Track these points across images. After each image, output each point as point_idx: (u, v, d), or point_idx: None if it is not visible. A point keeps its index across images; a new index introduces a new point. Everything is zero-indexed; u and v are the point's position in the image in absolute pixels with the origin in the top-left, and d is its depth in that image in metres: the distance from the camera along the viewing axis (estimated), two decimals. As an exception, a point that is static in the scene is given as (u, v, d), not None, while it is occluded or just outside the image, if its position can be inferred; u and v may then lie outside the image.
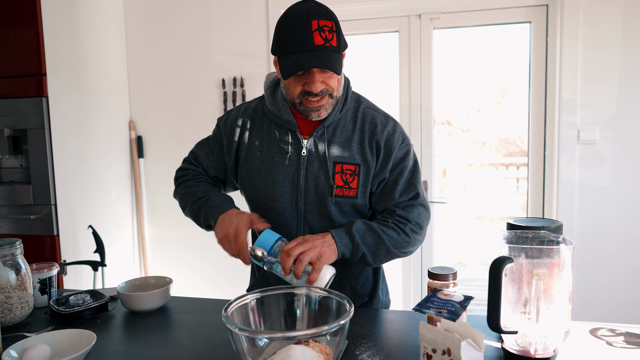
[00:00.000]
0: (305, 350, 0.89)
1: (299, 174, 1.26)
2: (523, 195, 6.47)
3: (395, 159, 1.26)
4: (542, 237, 1.03)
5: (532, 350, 0.95)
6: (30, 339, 1.03)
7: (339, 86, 1.21)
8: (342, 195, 1.24)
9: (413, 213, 1.26)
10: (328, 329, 0.86)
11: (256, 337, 0.91)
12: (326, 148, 1.25)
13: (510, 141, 3.68)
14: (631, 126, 2.29)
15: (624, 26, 2.25)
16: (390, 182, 1.27)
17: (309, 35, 1.11)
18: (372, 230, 1.20)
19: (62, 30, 2.29)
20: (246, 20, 2.63)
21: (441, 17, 2.50)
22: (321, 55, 1.11)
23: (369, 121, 1.27)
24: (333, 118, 1.26)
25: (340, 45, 1.15)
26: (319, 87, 1.16)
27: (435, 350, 0.85)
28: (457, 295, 1.05)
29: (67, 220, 2.28)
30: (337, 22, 1.16)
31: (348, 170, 1.24)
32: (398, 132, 1.28)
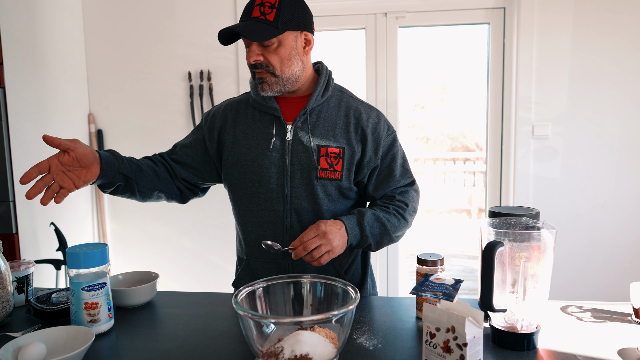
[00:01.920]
0: (313, 334, 0.92)
1: (284, 159, 1.28)
2: (470, 188, 6.79)
3: (384, 147, 1.32)
4: (524, 223, 1.12)
5: (518, 326, 1.03)
6: (24, 337, 0.99)
7: (283, 66, 1.22)
8: (327, 178, 1.28)
9: (409, 197, 1.34)
10: (338, 314, 0.90)
11: (267, 322, 0.93)
12: (309, 133, 1.28)
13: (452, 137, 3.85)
14: (580, 123, 2.48)
15: (574, 31, 2.44)
16: (385, 169, 1.34)
17: (250, 8, 1.19)
18: (379, 221, 1.27)
19: (19, 17, 2.17)
20: (214, 12, 2.60)
21: (406, 16, 2.59)
22: (251, 24, 1.18)
23: (354, 109, 1.32)
24: (315, 103, 1.29)
25: (279, 21, 1.18)
26: (252, 57, 1.21)
27: (439, 329, 0.91)
28: (448, 279, 1.12)
29: (27, 217, 2.17)
30: (287, 2, 1.20)
31: (332, 154, 1.28)
32: (383, 121, 1.34)
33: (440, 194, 5.86)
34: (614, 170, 2.49)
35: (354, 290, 0.98)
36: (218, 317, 1.22)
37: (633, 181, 2.49)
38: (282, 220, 1.30)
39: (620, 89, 2.45)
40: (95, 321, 1.10)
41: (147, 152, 2.73)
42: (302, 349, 0.89)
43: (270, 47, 1.20)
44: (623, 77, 2.44)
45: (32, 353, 0.95)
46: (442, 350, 0.90)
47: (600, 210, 2.52)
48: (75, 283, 1.10)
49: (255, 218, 1.33)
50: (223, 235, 2.70)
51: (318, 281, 1.05)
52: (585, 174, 2.51)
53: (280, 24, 1.18)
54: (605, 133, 2.48)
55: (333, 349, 0.92)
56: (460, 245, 5.37)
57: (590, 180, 2.51)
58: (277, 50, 1.21)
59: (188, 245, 2.75)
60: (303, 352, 0.88)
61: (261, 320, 0.92)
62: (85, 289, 1.09)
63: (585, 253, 2.54)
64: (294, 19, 1.21)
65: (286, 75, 1.24)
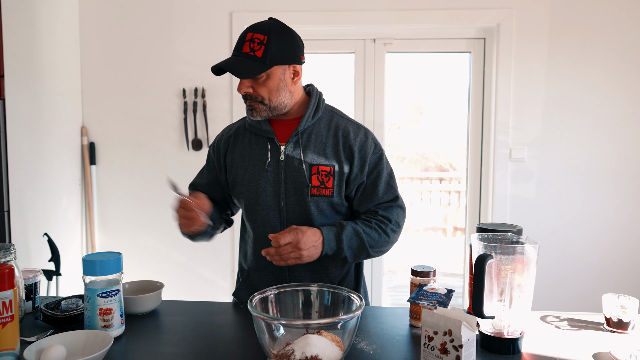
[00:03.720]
0: (321, 338, 1.01)
1: (279, 178, 1.37)
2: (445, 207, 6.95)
3: (370, 164, 1.41)
4: (509, 238, 1.24)
5: (505, 332, 1.14)
6: (45, 340, 1.04)
7: (272, 96, 1.32)
8: (319, 195, 1.37)
9: (393, 213, 1.42)
10: (346, 318, 0.99)
11: (278, 324, 1.01)
12: (302, 152, 1.37)
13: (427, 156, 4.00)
14: (553, 147, 2.66)
15: (548, 62, 2.63)
16: (369, 185, 1.41)
17: (241, 44, 1.29)
18: (358, 236, 1.34)
19: (20, 30, 2.22)
20: (210, 32, 2.70)
21: (394, 42, 2.74)
22: (239, 60, 1.27)
23: (342, 129, 1.41)
24: (306, 125, 1.38)
25: (269, 57, 1.27)
26: (242, 89, 1.31)
27: (437, 332, 1.00)
28: (440, 288, 1.22)
29: (20, 227, 2.18)
30: (275, 37, 1.28)
31: (324, 172, 1.37)
32: (370, 139, 1.43)
33: (416, 212, 5.98)
34: (584, 193, 2.67)
35: (359, 297, 1.07)
36: (223, 324, 1.29)
37: (601, 203, 2.67)
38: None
39: (590, 117, 2.64)
40: (108, 326, 1.16)
41: (138, 165, 2.79)
42: (312, 350, 0.97)
43: (259, 80, 1.29)
44: (594, 106, 2.63)
45: (54, 355, 1.00)
46: (440, 352, 1.00)
47: (572, 229, 2.68)
48: (90, 290, 1.15)
49: (255, 233, 1.42)
50: (212, 249, 2.75)
51: (325, 289, 1.14)
52: (558, 195, 2.68)
53: (268, 60, 1.27)
54: (577, 158, 2.66)
55: (339, 351, 1.01)
56: (437, 263, 5.52)
57: (562, 201, 2.68)
58: (265, 83, 1.30)
59: (177, 258, 2.79)
60: (313, 354, 0.96)
61: (273, 322, 1.00)
62: (101, 295, 1.15)
63: (558, 269, 2.69)
64: (281, 54, 1.29)
65: (274, 104, 1.34)
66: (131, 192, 2.78)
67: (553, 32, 2.61)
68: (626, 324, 1.25)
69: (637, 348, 1.10)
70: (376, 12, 2.64)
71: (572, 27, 2.60)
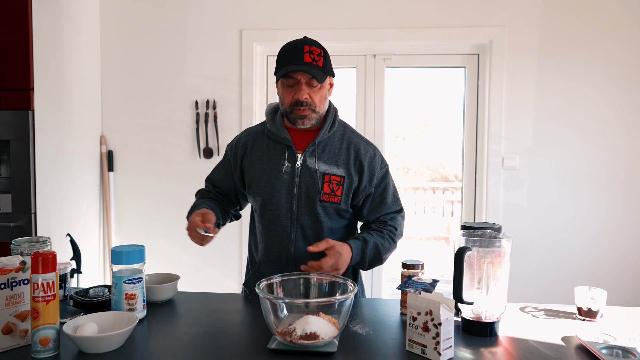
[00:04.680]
0: (319, 318, 1.16)
1: (293, 182, 1.53)
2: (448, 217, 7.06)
3: (378, 177, 1.58)
4: (488, 234, 1.39)
5: (483, 316, 1.28)
6: (80, 318, 1.20)
7: (321, 104, 1.51)
8: (329, 201, 1.53)
9: (397, 222, 1.61)
10: (341, 299, 1.14)
11: (281, 303, 1.17)
12: (316, 162, 1.53)
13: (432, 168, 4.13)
14: (544, 156, 2.81)
15: (538, 76, 2.79)
16: (377, 197, 1.59)
17: (300, 54, 1.45)
18: (376, 248, 1.52)
19: (48, 48, 2.41)
20: (221, 49, 2.89)
21: (393, 58, 2.92)
22: (307, 67, 1.44)
23: (354, 145, 1.58)
24: (322, 137, 1.54)
25: (326, 68, 1.47)
26: (304, 95, 1.46)
27: (420, 313, 1.15)
28: (426, 279, 1.37)
29: (45, 228, 2.36)
30: (326, 53, 1.50)
31: (334, 181, 1.53)
32: (378, 156, 1.60)
33: (420, 221, 6.11)
34: (573, 200, 2.81)
35: (353, 283, 1.23)
36: (233, 310, 1.44)
37: (591, 209, 2.81)
38: (288, 234, 1.55)
39: (578, 128, 2.79)
40: (133, 309, 1.32)
41: (152, 172, 2.97)
42: (311, 328, 1.12)
43: (315, 88, 1.47)
44: (581, 117, 2.79)
45: (88, 329, 1.16)
46: (422, 330, 1.14)
47: (562, 235, 2.82)
48: (117, 277, 1.32)
49: (266, 230, 1.58)
50: (221, 252, 2.91)
51: (324, 277, 1.30)
52: (549, 201, 2.82)
53: (326, 70, 1.47)
54: (566, 166, 2.80)
55: (335, 330, 1.16)
56: (440, 271, 5.63)
57: (553, 207, 2.82)
58: (319, 91, 1.49)
59: (188, 259, 2.95)
60: (312, 331, 1.12)
61: (277, 301, 1.15)
62: (126, 282, 1.31)
63: (549, 272, 2.82)
64: (330, 67, 1.52)
65: (321, 111, 1.52)
66: (146, 198, 2.96)
67: (542, 49, 2.78)
68: (595, 313, 1.39)
69: (602, 332, 1.24)
70: (376, 29, 2.82)
71: (560, 43, 2.77)
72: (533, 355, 1.15)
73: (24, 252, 1.37)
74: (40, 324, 1.10)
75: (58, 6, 2.51)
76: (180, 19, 2.90)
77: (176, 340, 1.21)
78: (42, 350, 1.09)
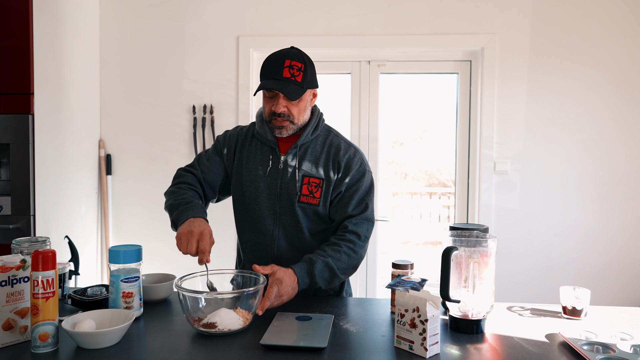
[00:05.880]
0: (230, 311, 1.26)
1: (276, 183, 1.58)
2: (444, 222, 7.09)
3: (352, 179, 1.59)
4: (475, 235, 1.43)
5: (469, 314, 1.32)
6: (78, 315, 1.24)
7: (300, 116, 1.55)
8: (307, 202, 1.57)
9: (362, 228, 1.55)
10: (250, 291, 1.29)
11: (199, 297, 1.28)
12: (297, 164, 1.58)
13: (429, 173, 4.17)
14: (534, 160, 2.86)
15: (529, 82, 2.85)
16: (346, 197, 1.59)
17: (280, 69, 1.49)
18: (328, 266, 1.47)
19: (48, 53, 2.46)
20: (218, 54, 2.94)
21: (387, 64, 2.97)
22: (284, 84, 1.48)
23: (335, 146, 1.62)
24: (304, 140, 1.59)
25: (305, 82, 1.51)
26: (281, 109, 1.51)
27: (407, 310, 1.20)
28: (415, 278, 1.42)
29: (44, 230, 2.39)
30: (307, 65, 1.53)
31: (313, 183, 1.57)
32: (357, 157, 1.62)
33: (416, 227, 6.15)
34: (564, 203, 2.86)
35: (265, 278, 1.36)
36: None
37: (580, 213, 2.86)
38: (271, 233, 1.60)
39: (568, 133, 2.84)
40: (129, 307, 1.35)
41: (150, 176, 3.01)
42: (213, 319, 1.24)
43: (293, 102, 1.51)
44: (571, 123, 2.84)
45: (86, 325, 1.19)
46: (409, 326, 1.19)
47: (553, 238, 2.86)
48: (115, 275, 1.35)
49: (251, 229, 1.63)
50: (218, 254, 2.94)
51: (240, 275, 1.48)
52: (540, 205, 2.86)
53: (304, 85, 1.51)
54: (556, 170, 2.86)
55: (241, 323, 1.26)
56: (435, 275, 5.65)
57: (544, 210, 2.86)
58: (298, 104, 1.53)
59: (186, 262, 2.97)
60: (213, 321, 1.24)
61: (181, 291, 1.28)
62: (123, 281, 1.35)
63: (539, 275, 2.87)
64: (311, 80, 1.55)
65: (300, 122, 1.56)
66: (143, 201, 2.99)
67: (533, 55, 2.83)
68: (579, 312, 1.44)
69: (585, 330, 1.29)
70: (371, 36, 2.88)
71: (550, 50, 2.83)
72: (517, 351, 1.19)
73: (24, 251, 1.40)
74: (39, 320, 1.14)
75: (58, 12, 2.56)
76: (178, 25, 2.95)
77: (172, 337, 1.24)
78: (42, 345, 1.13)
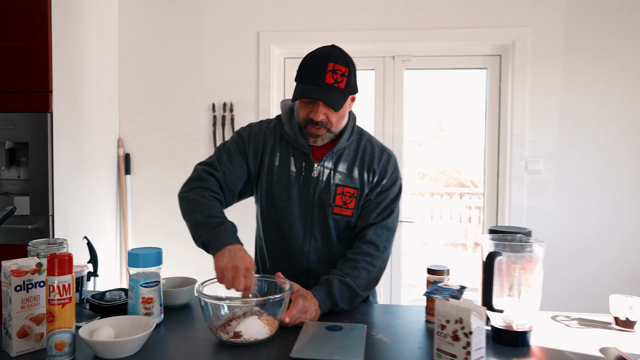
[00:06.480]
0: (255, 319, 1.18)
1: (308, 192, 1.48)
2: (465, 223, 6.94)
3: (383, 187, 1.50)
4: (518, 239, 1.32)
5: (514, 325, 1.22)
6: (95, 323, 1.17)
7: (338, 123, 1.44)
8: (340, 214, 1.47)
9: (381, 237, 1.45)
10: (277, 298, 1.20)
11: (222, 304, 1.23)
12: (332, 173, 1.48)
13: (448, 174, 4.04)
14: (569, 159, 2.72)
15: (563, 77, 2.71)
16: (373, 204, 1.49)
17: (322, 74, 1.35)
18: (347, 286, 1.38)
19: (66, 50, 2.42)
20: (238, 52, 2.87)
21: (412, 59, 2.87)
22: (327, 92, 1.35)
23: (369, 152, 1.51)
24: (340, 146, 1.48)
25: (348, 89, 1.38)
26: (320, 117, 1.38)
27: (449, 321, 1.10)
28: (454, 285, 1.31)
29: (63, 231, 2.35)
30: (351, 69, 1.40)
31: (347, 193, 1.48)
32: (391, 164, 1.52)
33: (436, 228, 6.02)
34: (600, 205, 2.71)
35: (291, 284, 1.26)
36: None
37: (618, 215, 2.71)
38: (301, 245, 1.50)
39: (605, 129, 2.70)
40: (150, 314, 1.28)
41: (169, 175, 2.95)
42: (238, 328, 1.17)
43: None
44: (608, 119, 2.69)
45: (103, 334, 1.12)
46: (452, 339, 1.09)
47: (588, 241, 2.72)
48: (134, 280, 1.28)
49: (279, 241, 1.52)
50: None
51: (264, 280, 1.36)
52: (575, 206, 2.72)
53: (347, 92, 1.39)
54: (592, 170, 2.71)
55: (267, 332, 1.18)
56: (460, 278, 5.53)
57: (579, 212, 2.72)
58: (338, 112, 1.40)
59: (205, 263, 2.90)
60: (238, 330, 1.16)
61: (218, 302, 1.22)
62: (143, 285, 1.28)
63: (574, 278, 2.73)
64: (354, 86, 1.43)
65: (337, 130, 1.45)
66: (163, 201, 2.94)
67: (567, 48, 2.70)
68: (633, 323, 1.32)
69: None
70: (395, 31, 2.78)
71: (585, 42, 2.69)
72: (570, 367, 1.08)
73: (41, 253, 1.34)
74: (55, 327, 1.07)
75: (77, 10, 2.52)
76: (197, 22, 2.89)
77: (195, 346, 1.17)
78: (58, 354, 1.06)
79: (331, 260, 1.49)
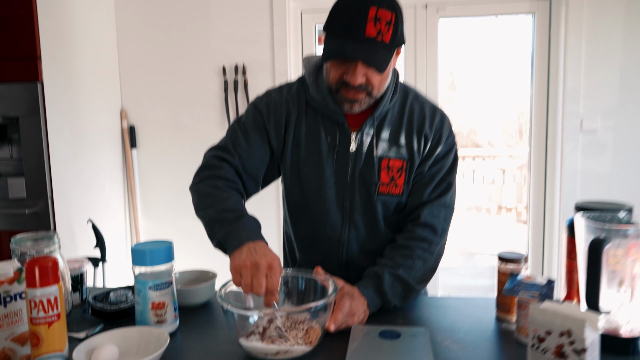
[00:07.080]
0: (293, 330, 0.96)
1: (346, 170, 1.20)
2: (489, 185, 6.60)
3: (438, 155, 1.22)
4: (620, 219, 1.04)
5: (622, 330, 0.95)
6: (97, 339, 0.93)
7: (381, 85, 1.13)
8: (388, 193, 1.20)
9: (439, 218, 1.20)
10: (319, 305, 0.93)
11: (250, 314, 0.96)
12: (374, 143, 1.19)
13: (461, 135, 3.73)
14: (631, 116, 2.41)
15: (626, 19, 2.36)
16: (427, 177, 1.22)
17: (362, 23, 1.03)
18: (400, 280, 1.15)
19: (54, 12, 2.14)
20: (249, 6, 2.56)
21: (447, 7, 2.52)
22: (368, 48, 1.04)
23: (417, 114, 1.22)
24: (382, 110, 1.19)
25: (395, 42, 1.07)
26: (359, 80, 1.08)
27: (550, 332, 0.84)
28: (538, 280, 1.05)
29: (64, 214, 2.13)
30: (398, 13, 1.06)
31: (395, 167, 1.19)
32: (446, 126, 1.23)
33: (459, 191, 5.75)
34: (665, 166, 2.41)
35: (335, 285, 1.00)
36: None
37: (685, 177, 2.40)
38: (339, 235, 1.24)
39: (672, 81, 2.36)
40: (162, 322, 1.04)
41: (179, 149, 2.70)
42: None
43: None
44: (676, 69, 2.35)
45: (105, 356, 0.89)
46: (555, 355, 0.83)
47: (651, 207, 2.43)
48: (141, 282, 1.04)
49: (311, 229, 1.26)
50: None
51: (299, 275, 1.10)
52: (636, 170, 2.42)
53: (395, 44, 1.07)
54: (658, 127, 2.39)
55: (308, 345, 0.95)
56: (482, 243, 5.28)
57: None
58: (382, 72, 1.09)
59: (222, 243, 2.70)
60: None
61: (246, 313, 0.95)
62: (152, 288, 1.03)
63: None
64: (402, 36, 1.10)
65: (380, 93, 1.15)
66: (173, 175, 2.71)
67: (632, -14, 2.33)
68: None
69: None
70: (428, -27, 2.42)
71: (654, -21, 2.32)
72: None
73: (27, 252, 1.10)
74: (42, 352, 0.85)
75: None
76: (202, -26, 2.56)
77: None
78: (46, 387, 0.83)
79: (377, 251, 1.23)
